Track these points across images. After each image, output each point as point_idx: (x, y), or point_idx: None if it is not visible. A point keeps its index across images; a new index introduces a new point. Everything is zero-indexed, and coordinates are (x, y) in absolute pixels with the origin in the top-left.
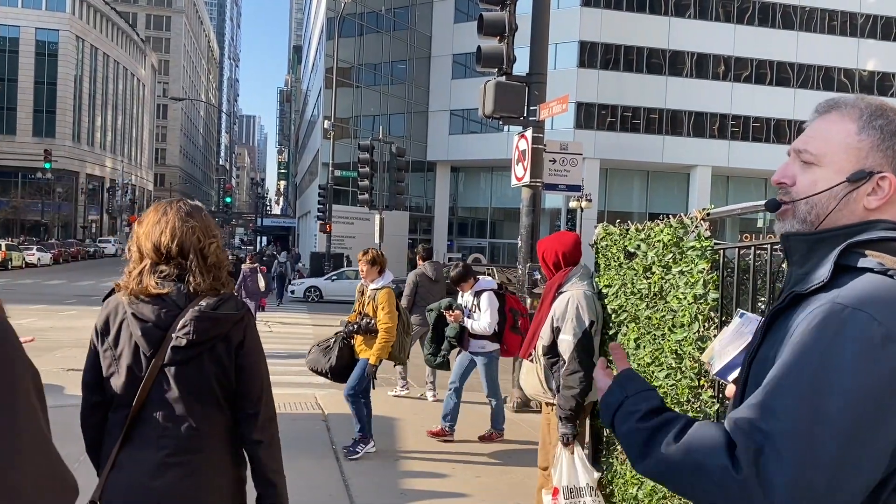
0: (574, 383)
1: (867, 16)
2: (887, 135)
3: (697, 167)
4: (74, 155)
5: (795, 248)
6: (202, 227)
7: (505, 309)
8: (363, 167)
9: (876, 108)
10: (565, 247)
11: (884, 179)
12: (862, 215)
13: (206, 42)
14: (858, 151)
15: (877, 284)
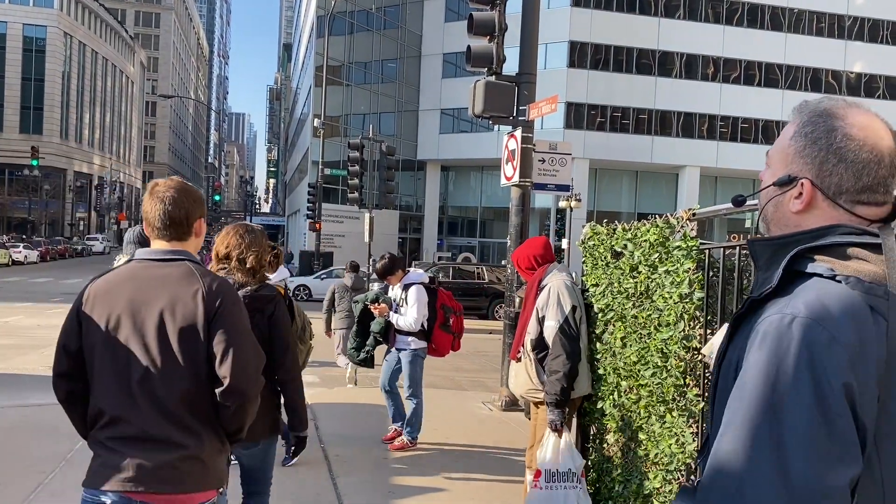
0: (559, 366)
1: (855, 18)
2: (810, 142)
3: (686, 167)
4: (62, 152)
5: (760, 252)
6: (247, 243)
7: (436, 305)
8: (353, 166)
9: (818, 113)
10: (536, 249)
11: (803, 184)
12: (792, 218)
13: (195, 39)
14: (787, 156)
15: (823, 290)
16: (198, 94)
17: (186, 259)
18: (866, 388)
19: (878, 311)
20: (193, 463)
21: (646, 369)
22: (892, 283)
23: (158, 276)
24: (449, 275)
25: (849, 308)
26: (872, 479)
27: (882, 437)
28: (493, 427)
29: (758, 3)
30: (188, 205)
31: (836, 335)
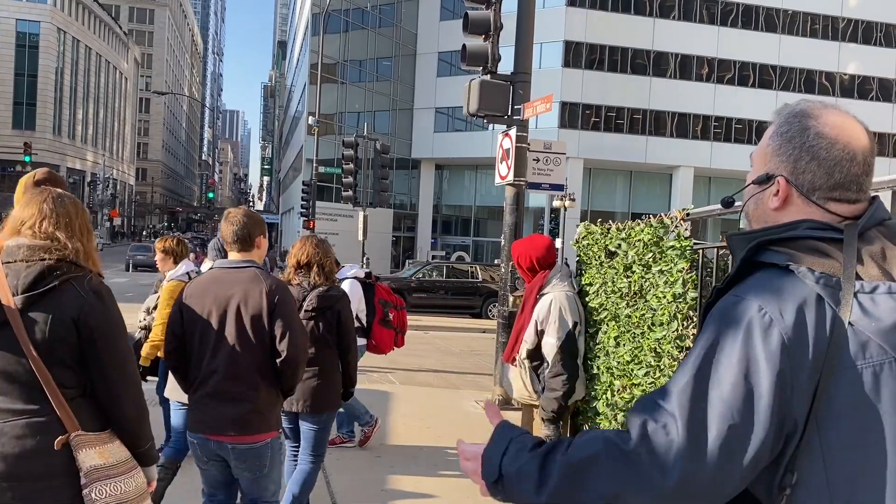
0: (558, 386)
1: (848, 20)
2: (785, 140)
3: (680, 168)
4: (55, 148)
5: (736, 247)
6: (322, 252)
7: (374, 300)
8: (347, 164)
9: (794, 114)
10: (538, 251)
11: (779, 182)
12: (771, 215)
13: (189, 36)
14: (765, 155)
15: (774, 278)
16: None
17: (252, 266)
18: (801, 374)
19: (828, 301)
20: (257, 414)
21: (639, 369)
22: (846, 275)
23: (234, 279)
24: (443, 273)
25: (795, 296)
26: (814, 459)
27: (824, 421)
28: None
29: (752, 4)
30: (251, 226)
31: (775, 319)
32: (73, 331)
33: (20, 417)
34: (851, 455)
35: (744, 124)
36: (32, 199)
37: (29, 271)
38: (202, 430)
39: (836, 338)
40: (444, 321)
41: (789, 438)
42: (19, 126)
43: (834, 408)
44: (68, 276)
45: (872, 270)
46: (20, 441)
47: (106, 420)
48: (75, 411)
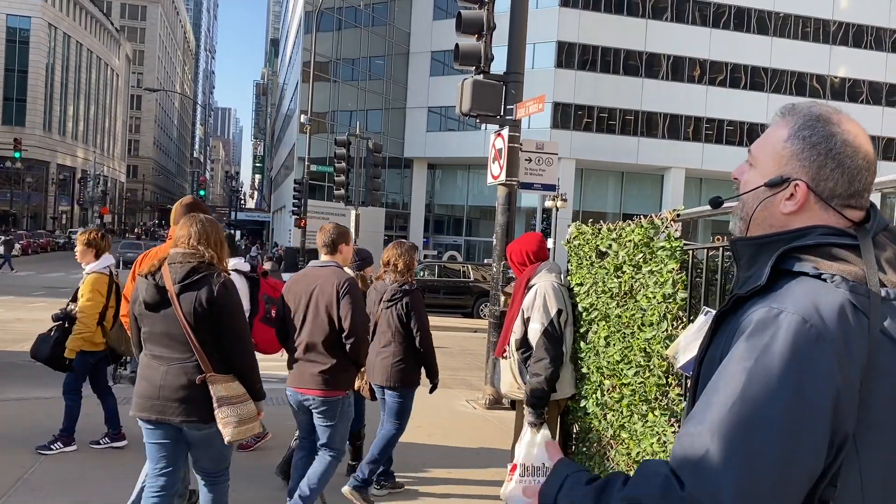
0: (541, 370)
1: (839, 23)
2: (808, 145)
3: (671, 169)
4: (45, 144)
5: (742, 251)
6: (398, 253)
7: (258, 296)
8: (339, 162)
9: (814, 118)
10: (530, 245)
11: (798, 187)
12: (781, 219)
13: (181, 33)
14: (781, 158)
15: (810, 288)
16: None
17: (334, 265)
18: (850, 387)
19: (861, 310)
20: (329, 376)
21: (629, 368)
22: (871, 282)
23: (318, 274)
24: (434, 273)
25: (835, 306)
26: (852, 470)
27: (862, 430)
28: (476, 425)
29: (744, 6)
30: (335, 236)
31: (822, 333)
32: (207, 308)
33: (177, 363)
34: (886, 465)
35: (735, 126)
36: (185, 222)
37: (181, 269)
38: (294, 385)
39: (874, 347)
40: (435, 321)
41: (838, 452)
42: (9, 122)
43: (871, 418)
44: (205, 273)
45: (893, 277)
46: (177, 377)
47: (230, 367)
48: (210, 360)
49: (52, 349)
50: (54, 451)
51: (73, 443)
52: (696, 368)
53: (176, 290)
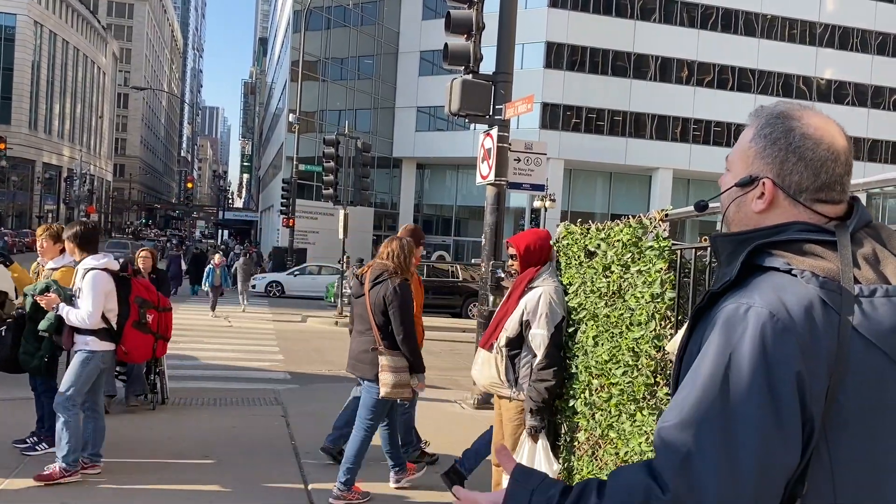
0: (549, 377)
1: (826, 25)
2: (769, 143)
3: (659, 169)
4: (31, 143)
5: (722, 248)
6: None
7: (129, 298)
8: (328, 162)
9: (775, 116)
10: (542, 241)
11: (765, 184)
12: (754, 218)
13: (169, 31)
14: (747, 158)
15: (779, 282)
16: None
17: None
18: (816, 379)
19: (831, 306)
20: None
21: (617, 368)
22: (844, 278)
23: None
24: (423, 273)
25: (802, 301)
26: (822, 468)
27: (831, 427)
28: (465, 425)
29: (732, 8)
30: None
31: (788, 326)
32: (382, 301)
33: (362, 335)
34: (857, 462)
35: (722, 127)
36: (386, 242)
37: (373, 273)
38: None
39: (843, 342)
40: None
41: (806, 446)
42: None
43: (842, 415)
44: (387, 278)
45: (868, 273)
46: (360, 345)
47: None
48: (382, 336)
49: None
50: (39, 451)
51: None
52: (675, 365)
53: (368, 287)
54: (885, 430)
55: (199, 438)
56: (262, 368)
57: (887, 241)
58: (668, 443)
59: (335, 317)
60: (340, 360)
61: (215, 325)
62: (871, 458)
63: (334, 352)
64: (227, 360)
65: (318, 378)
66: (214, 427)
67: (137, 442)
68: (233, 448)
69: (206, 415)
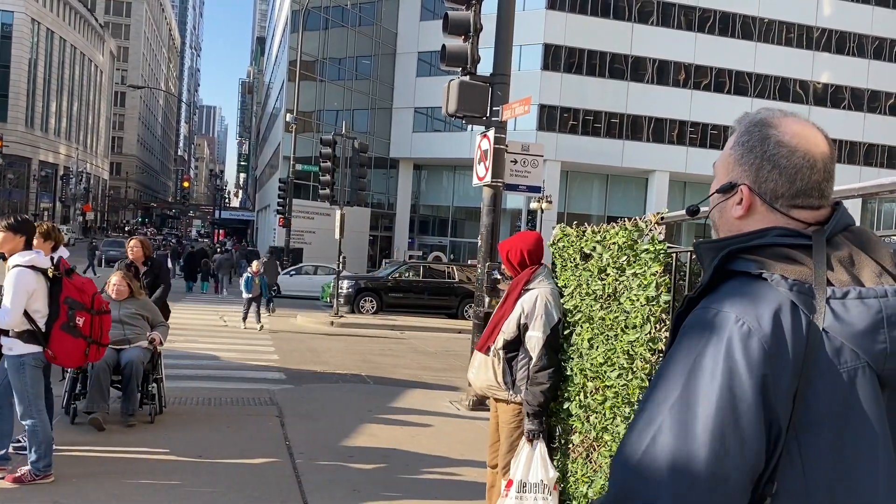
0: (544, 379)
1: (822, 29)
2: (746, 150)
3: (656, 172)
4: (27, 141)
5: (704, 255)
6: None
7: (59, 298)
8: (325, 162)
9: (754, 124)
10: (528, 245)
11: (742, 190)
12: (735, 224)
13: (167, 30)
14: (728, 165)
15: (748, 286)
16: (168, 86)
17: None
18: (781, 381)
19: (801, 308)
20: None
21: (612, 371)
22: (817, 281)
23: None
24: (419, 273)
25: (771, 304)
26: (793, 468)
27: (802, 428)
28: (460, 426)
29: (729, 11)
30: None
31: (753, 329)
32: None
33: None
34: (829, 463)
35: (719, 130)
36: None
37: None
38: None
39: (812, 344)
40: (419, 321)
41: (774, 447)
42: None
43: (811, 415)
44: None
45: (842, 276)
46: None
47: None
48: None
49: None
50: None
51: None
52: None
53: None
54: (856, 430)
55: (193, 438)
56: (258, 368)
57: (866, 245)
58: (630, 443)
59: (331, 317)
60: (335, 360)
61: (210, 325)
62: (843, 458)
63: (329, 352)
64: (222, 359)
65: (313, 378)
66: (209, 427)
67: (130, 440)
68: (227, 448)
69: (200, 414)
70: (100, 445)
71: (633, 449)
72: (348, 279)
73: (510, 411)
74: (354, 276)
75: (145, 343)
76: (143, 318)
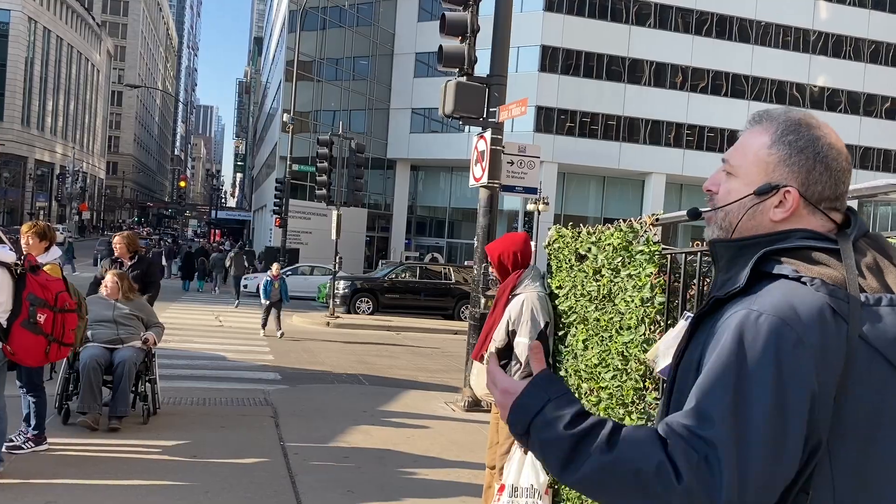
0: None
1: (819, 33)
2: (795, 150)
3: (652, 174)
4: (23, 139)
5: (721, 253)
6: None
7: (23, 295)
8: (322, 162)
9: (793, 122)
10: (519, 246)
11: (788, 193)
12: (769, 226)
13: (164, 29)
14: (767, 165)
15: (790, 290)
16: (165, 85)
17: None
18: (826, 392)
19: (840, 314)
20: None
21: (606, 372)
22: (851, 287)
23: None
24: (416, 274)
25: (815, 310)
26: (823, 477)
27: (834, 437)
28: (455, 428)
29: (726, 14)
30: None
31: (802, 336)
32: None
33: None
34: (858, 472)
35: (716, 133)
36: None
37: None
38: None
39: (851, 352)
40: (416, 322)
41: (810, 458)
42: None
43: (844, 424)
44: None
45: (872, 283)
46: None
47: None
48: None
49: None
50: (26, 450)
51: (45, 441)
52: (671, 371)
53: None
54: (884, 439)
55: (187, 438)
56: (253, 368)
57: (885, 251)
58: (684, 437)
59: (327, 317)
60: (331, 360)
61: (205, 325)
62: (870, 467)
63: (325, 352)
64: (217, 359)
65: (308, 378)
66: (203, 427)
67: (124, 440)
68: (221, 448)
69: (194, 415)
70: (93, 445)
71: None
72: (345, 280)
73: None
74: (351, 277)
75: (138, 343)
76: (138, 319)
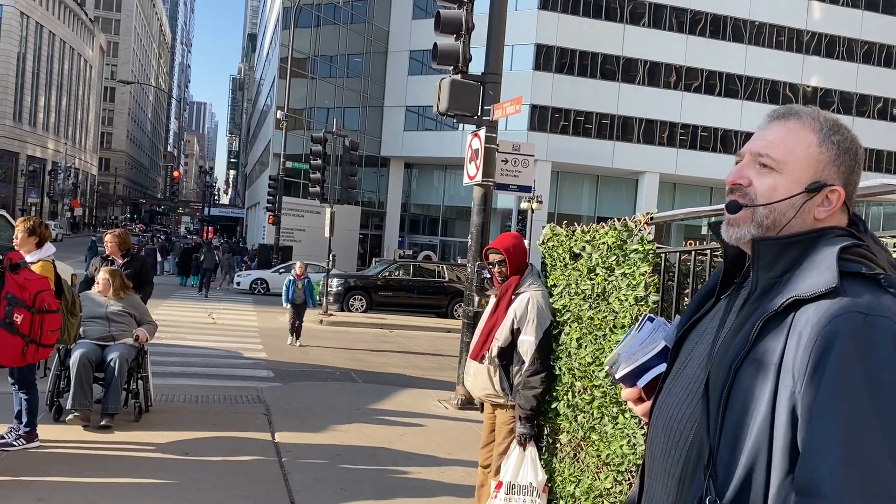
0: (537, 383)
1: (812, 33)
2: (842, 151)
3: (646, 173)
4: (15, 135)
5: (765, 251)
6: None
7: (0, 294)
8: (315, 159)
9: (833, 123)
10: (522, 242)
11: (833, 192)
12: (811, 224)
13: (157, 25)
14: (818, 163)
15: (878, 289)
16: (158, 82)
17: None
18: None
19: None
20: None
21: (600, 370)
22: None
23: None
24: (409, 272)
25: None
26: None
27: None
28: (448, 426)
29: (720, 14)
30: None
31: None
32: None
33: None
34: None
35: (709, 132)
36: None
37: None
38: None
39: None
40: (409, 320)
41: None
42: None
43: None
44: None
45: None
46: None
47: None
48: None
49: None
50: (17, 447)
51: (37, 438)
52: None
53: None
54: None
55: (179, 436)
56: (246, 366)
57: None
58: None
59: (320, 315)
60: (324, 358)
61: (198, 322)
62: None
63: (318, 350)
64: (210, 356)
65: (301, 376)
66: (196, 425)
67: (116, 437)
68: (214, 446)
69: (187, 412)
70: (85, 442)
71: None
72: (338, 277)
73: (508, 413)
74: (344, 275)
75: (130, 340)
76: (131, 316)
